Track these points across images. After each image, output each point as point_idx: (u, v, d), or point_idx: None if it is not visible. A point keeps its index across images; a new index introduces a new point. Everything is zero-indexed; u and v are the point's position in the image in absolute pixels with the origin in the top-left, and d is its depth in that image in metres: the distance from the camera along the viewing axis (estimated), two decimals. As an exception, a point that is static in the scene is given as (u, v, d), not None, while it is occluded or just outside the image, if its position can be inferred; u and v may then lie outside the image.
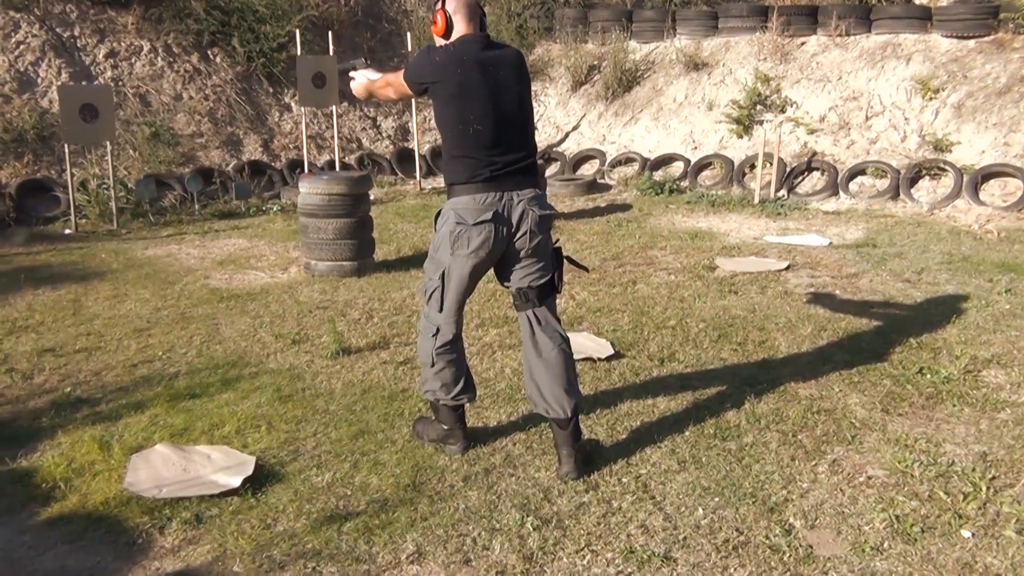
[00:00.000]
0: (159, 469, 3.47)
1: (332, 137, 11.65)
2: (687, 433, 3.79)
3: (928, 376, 4.50)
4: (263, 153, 11.69)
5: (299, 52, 10.44)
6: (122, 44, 11.19)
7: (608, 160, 11.74)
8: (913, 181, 9.51)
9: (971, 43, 10.55)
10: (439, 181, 11.83)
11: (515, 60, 3.50)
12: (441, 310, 3.54)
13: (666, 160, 11.38)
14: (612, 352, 4.86)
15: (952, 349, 4.92)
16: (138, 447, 3.69)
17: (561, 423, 3.40)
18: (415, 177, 11.67)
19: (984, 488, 3.26)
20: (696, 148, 11.41)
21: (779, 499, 3.21)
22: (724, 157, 10.90)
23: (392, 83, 3.63)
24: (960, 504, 3.16)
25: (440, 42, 3.43)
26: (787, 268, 6.86)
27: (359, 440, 3.77)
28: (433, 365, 3.59)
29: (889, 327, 5.34)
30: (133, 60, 11.21)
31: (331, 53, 10.57)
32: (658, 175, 11.07)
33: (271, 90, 12.59)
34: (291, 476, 3.45)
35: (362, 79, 3.79)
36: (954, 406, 4.12)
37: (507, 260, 3.46)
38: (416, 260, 7.30)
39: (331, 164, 11.48)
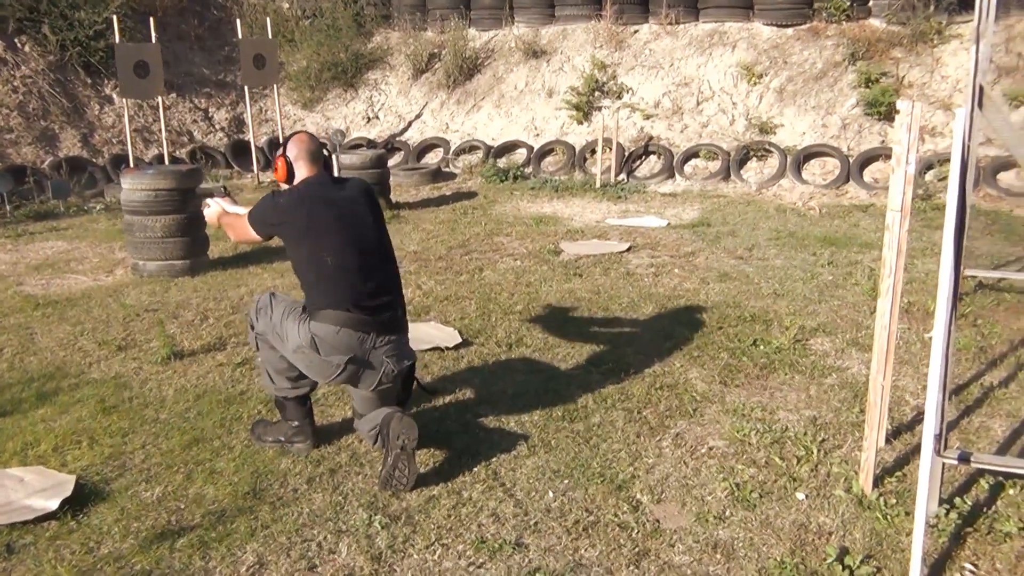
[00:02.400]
0: (-38, 497, 3.13)
1: (160, 130, 11.00)
2: (536, 417, 3.79)
3: (761, 347, 4.70)
4: (83, 148, 10.91)
5: (117, 40, 9.77)
6: (-89, 30, 10.14)
7: (452, 148, 11.68)
8: (742, 162, 9.98)
9: (790, 31, 11.16)
10: (278, 174, 11.41)
11: (363, 190, 3.52)
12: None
13: (509, 147, 11.44)
14: (460, 340, 4.80)
15: (782, 320, 5.16)
16: (-63, 475, 3.32)
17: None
18: (252, 171, 11.19)
19: (815, 450, 3.42)
20: (538, 135, 11.53)
21: (626, 476, 3.25)
22: (566, 143, 11.07)
23: (235, 225, 3.58)
24: (794, 468, 3.30)
25: (284, 187, 3.44)
26: (628, 249, 7.02)
27: (193, 449, 3.53)
28: None
29: (725, 302, 5.55)
30: (-75, 48, 10.18)
31: (153, 41, 9.97)
32: (502, 162, 11.11)
33: (89, 81, 11.76)
34: (117, 493, 3.19)
35: (215, 208, 3.76)
36: (786, 374, 4.31)
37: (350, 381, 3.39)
38: (254, 256, 7.00)
39: (160, 159, 10.84)
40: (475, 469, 3.32)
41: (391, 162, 11.69)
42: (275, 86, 11.37)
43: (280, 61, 13.62)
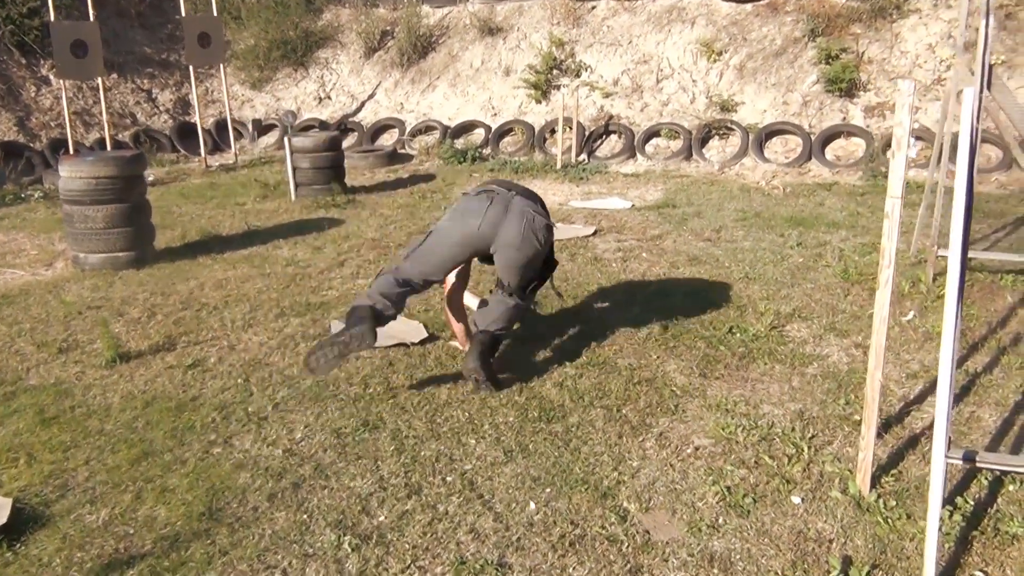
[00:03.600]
0: None
1: (101, 113, 10.49)
2: (511, 419, 3.58)
3: (738, 335, 4.54)
4: (19, 133, 10.38)
5: (52, 17, 9.25)
6: None
7: (408, 129, 11.37)
8: (704, 141, 9.84)
9: (748, 6, 11.02)
10: (227, 157, 11.01)
11: None
12: None
13: (467, 127, 11.16)
14: (425, 335, 4.57)
15: (756, 306, 5.02)
16: None
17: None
18: (200, 154, 10.75)
19: (806, 448, 3.27)
20: (496, 115, 11.26)
21: (611, 482, 3.06)
22: (524, 123, 10.83)
23: None
24: (786, 467, 3.14)
25: None
26: (594, 233, 6.83)
27: (142, 464, 3.26)
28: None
29: (696, 287, 5.39)
30: None
31: (91, 18, 9.47)
32: (460, 143, 10.83)
33: (24, 61, 11.20)
34: (59, 518, 2.91)
35: None
36: (766, 364, 4.16)
37: None
38: (204, 245, 6.67)
39: (101, 143, 10.35)
40: (449, 479, 3.11)
41: (344, 144, 11.36)
42: (222, 65, 10.92)
43: (227, 39, 13.13)
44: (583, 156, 10.06)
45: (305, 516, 2.88)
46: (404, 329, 4.63)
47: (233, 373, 4.11)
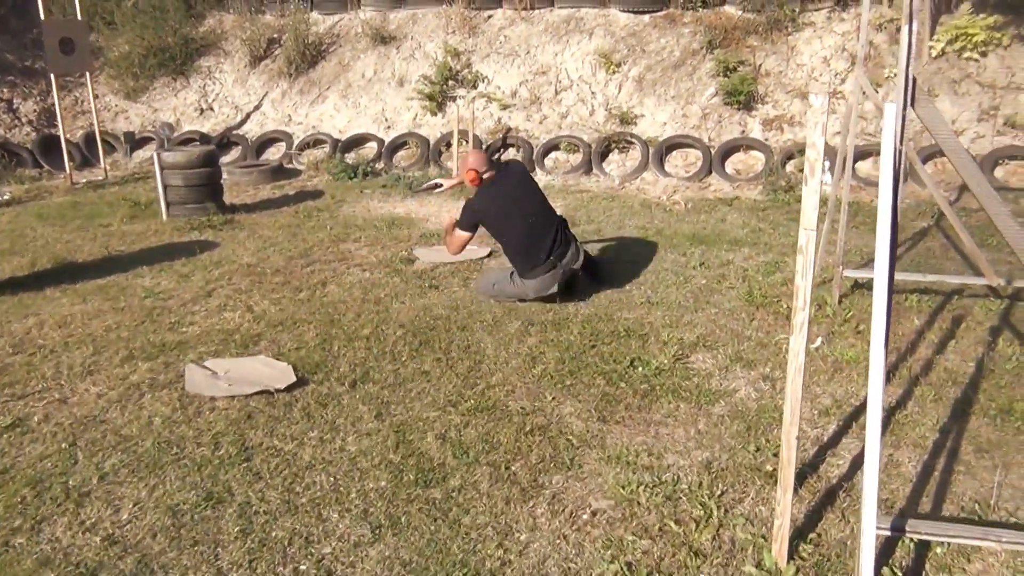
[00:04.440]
0: None
1: (-52, 125, 9.52)
2: (383, 483, 3.10)
3: (640, 369, 4.18)
4: None
5: None
6: None
7: (295, 143, 10.74)
8: (604, 155, 9.56)
9: (646, 18, 10.84)
10: (96, 173, 10.17)
11: (522, 171, 5.59)
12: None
13: (358, 141, 10.61)
14: (293, 379, 4.04)
15: (659, 334, 4.68)
16: None
17: None
18: (65, 170, 9.87)
19: (715, 509, 2.90)
20: (389, 127, 10.75)
21: (495, 564, 2.62)
22: (419, 136, 10.35)
23: (452, 240, 5.47)
24: (693, 535, 2.76)
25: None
26: (489, 255, 6.40)
27: (-81, 564, 2.65)
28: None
29: (596, 314, 5.02)
30: None
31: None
32: (350, 157, 10.28)
33: None
34: None
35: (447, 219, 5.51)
36: (670, 403, 3.81)
37: None
38: (55, 274, 5.96)
39: (-52, 158, 9.39)
40: (303, 567, 2.61)
41: (227, 158, 10.68)
42: (88, 74, 10.06)
43: (98, 46, 12.24)
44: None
45: (117, 630, 2.34)
46: (269, 373, 4.10)
47: (59, 435, 3.50)
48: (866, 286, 5.38)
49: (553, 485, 3.10)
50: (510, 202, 5.26)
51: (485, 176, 5.32)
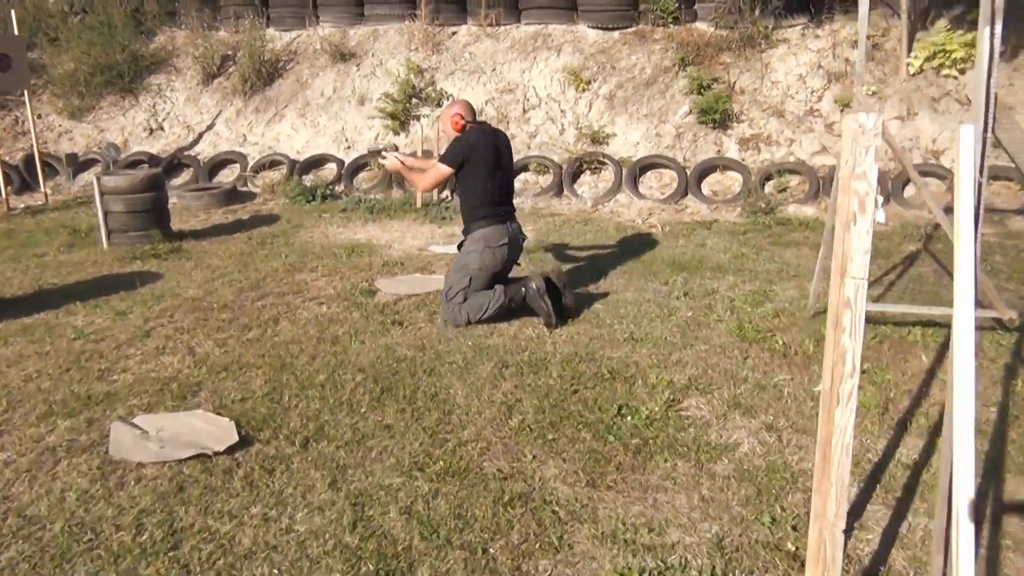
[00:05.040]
0: None
1: None
2: None
3: (629, 418, 3.74)
4: None
5: None
6: None
7: (250, 164, 10.19)
8: (575, 176, 9.16)
9: (616, 34, 10.49)
10: (36, 197, 9.54)
11: (503, 135, 5.44)
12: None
13: (317, 162, 10.10)
14: (236, 438, 3.52)
15: (647, 375, 4.24)
16: None
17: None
18: (1, 195, 9.23)
19: (733, 604, 2.45)
20: (350, 147, 10.26)
21: None
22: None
23: (427, 175, 5.33)
24: (711, 641, 2.30)
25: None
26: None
27: None
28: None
29: (576, 353, 4.57)
30: None
31: None
32: (309, 179, 9.77)
33: None
34: None
35: (394, 160, 5.53)
36: (666, 461, 3.36)
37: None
38: (-29, 315, 5.37)
39: None
40: None
41: (178, 181, 10.12)
42: (28, 92, 9.44)
43: (41, 63, 11.63)
44: (446, 193, 9.19)
45: None
46: (208, 431, 3.57)
47: (-51, 518, 2.96)
48: (872, 319, 4.98)
49: (539, 573, 2.63)
50: (493, 151, 5.17)
51: (468, 126, 5.22)
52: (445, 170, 5.17)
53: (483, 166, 5.12)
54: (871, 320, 4.96)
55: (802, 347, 4.63)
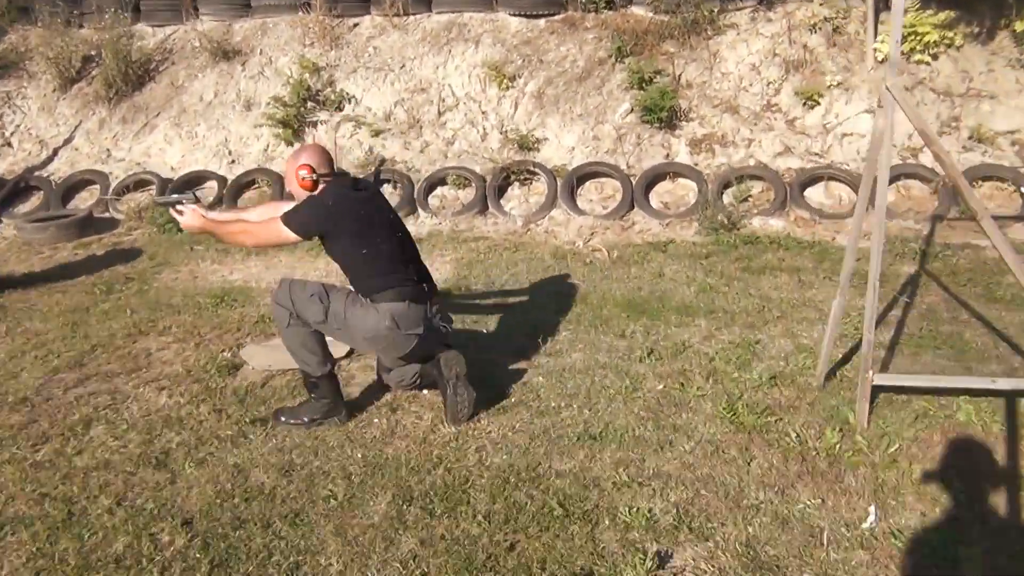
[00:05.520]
0: None
1: None
2: None
3: (596, 603, 2.37)
4: None
5: None
6: None
7: (113, 185, 8.49)
8: (502, 190, 7.75)
9: (541, 23, 9.12)
10: None
11: (376, 189, 4.09)
12: None
13: (194, 180, 8.44)
14: None
15: (615, 506, 2.90)
16: None
17: None
18: None
19: None
20: (234, 161, 8.65)
21: None
22: (271, 171, 8.29)
23: (253, 231, 3.69)
24: None
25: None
26: (349, 354, 4.48)
27: None
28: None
29: (510, 465, 3.18)
30: None
31: None
32: (183, 202, 8.13)
33: None
34: None
35: (193, 218, 3.74)
36: None
37: None
38: None
39: None
40: None
41: (24, 207, 8.40)
42: None
43: None
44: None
45: None
46: None
47: None
48: (911, 391, 3.70)
49: None
50: (372, 208, 3.67)
51: (322, 180, 3.62)
52: (286, 235, 3.52)
53: (366, 227, 3.59)
54: (897, 390, 3.69)
55: (823, 441, 3.33)
